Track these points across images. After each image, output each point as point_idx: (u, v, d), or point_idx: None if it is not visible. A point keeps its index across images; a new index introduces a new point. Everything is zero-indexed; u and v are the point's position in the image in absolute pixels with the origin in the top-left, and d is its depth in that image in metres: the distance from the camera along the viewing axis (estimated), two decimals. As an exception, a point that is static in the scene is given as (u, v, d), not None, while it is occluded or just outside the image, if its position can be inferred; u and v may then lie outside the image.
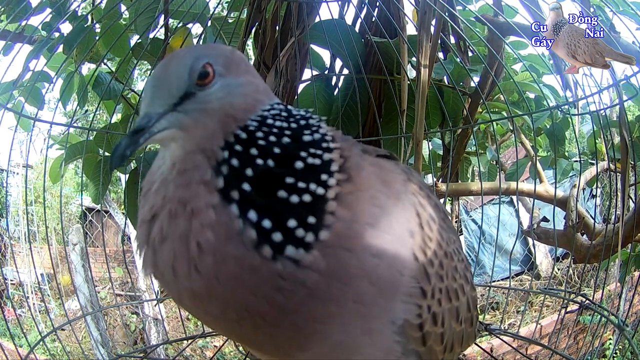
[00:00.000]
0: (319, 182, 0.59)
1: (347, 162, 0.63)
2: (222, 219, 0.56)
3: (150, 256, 0.62)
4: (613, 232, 1.74)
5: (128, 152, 0.60)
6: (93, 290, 5.51)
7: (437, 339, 0.71)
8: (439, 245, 0.70)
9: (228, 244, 0.55)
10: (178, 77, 0.63)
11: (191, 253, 0.56)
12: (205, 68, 0.63)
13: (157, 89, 0.64)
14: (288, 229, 0.56)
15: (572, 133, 3.19)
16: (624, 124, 1.55)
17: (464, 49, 1.90)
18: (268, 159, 0.59)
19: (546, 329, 4.50)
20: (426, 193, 0.75)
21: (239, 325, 0.60)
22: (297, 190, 0.57)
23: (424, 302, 0.66)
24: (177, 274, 0.58)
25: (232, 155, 0.60)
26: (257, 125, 0.63)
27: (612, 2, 1.69)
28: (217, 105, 0.63)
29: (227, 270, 0.55)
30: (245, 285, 0.56)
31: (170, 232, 0.59)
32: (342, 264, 0.58)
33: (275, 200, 0.57)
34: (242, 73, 0.68)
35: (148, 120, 0.61)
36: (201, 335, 1.74)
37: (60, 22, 1.74)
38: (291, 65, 1.72)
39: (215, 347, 5.48)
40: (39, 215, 7.22)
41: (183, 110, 0.63)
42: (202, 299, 0.59)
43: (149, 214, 0.62)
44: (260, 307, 0.56)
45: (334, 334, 0.61)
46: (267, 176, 0.58)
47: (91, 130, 1.82)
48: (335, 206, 0.58)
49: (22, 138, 5.10)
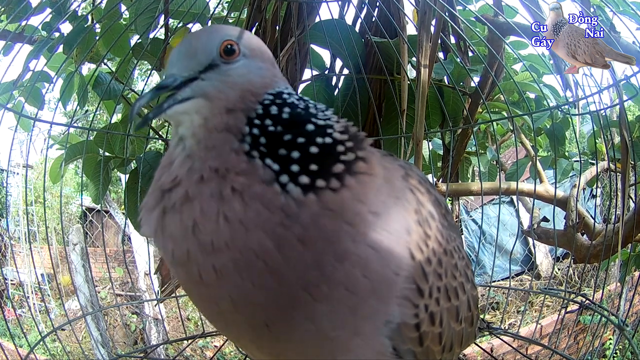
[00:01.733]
0: (325, 135, 0.66)
1: (363, 143, 0.68)
2: (250, 168, 0.63)
3: (157, 217, 0.66)
4: (613, 232, 1.74)
5: (151, 115, 0.65)
6: (93, 290, 5.51)
7: (435, 339, 0.70)
8: (437, 242, 0.70)
9: (254, 184, 0.62)
10: (207, 47, 0.68)
11: (224, 200, 0.62)
12: (232, 45, 0.69)
13: (185, 54, 0.69)
14: (292, 173, 0.62)
15: (572, 133, 3.19)
16: (624, 124, 1.55)
17: (464, 49, 1.90)
18: (278, 126, 0.66)
19: (546, 329, 4.51)
20: (426, 188, 0.75)
21: (239, 276, 0.61)
22: (297, 145, 0.64)
23: (420, 302, 0.65)
24: (199, 229, 0.62)
25: (252, 127, 0.66)
26: (271, 100, 0.69)
27: (612, 2, 1.69)
28: (239, 80, 0.69)
29: (251, 209, 0.61)
30: (260, 220, 0.61)
31: (199, 193, 0.63)
32: (339, 235, 0.61)
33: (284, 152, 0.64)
34: (264, 59, 0.74)
35: (173, 80, 0.66)
36: (201, 335, 1.74)
37: (60, 22, 1.74)
38: (291, 65, 1.72)
39: (216, 347, 5.48)
40: (39, 215, 7.23)
41: (207, 77, 0.67)
42: (218, 251, 0.61)
43: (169, 184, 0.65)
44: (265, 244, 0.60)
45: (319, 317, 0.61)
46: (275, 137, 0.65)
47: (91, 130, 1.82)
48: (343, 170, 0.63)
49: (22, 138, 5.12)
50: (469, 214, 7.77)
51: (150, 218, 0.67)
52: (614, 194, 1.90)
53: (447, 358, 0.75)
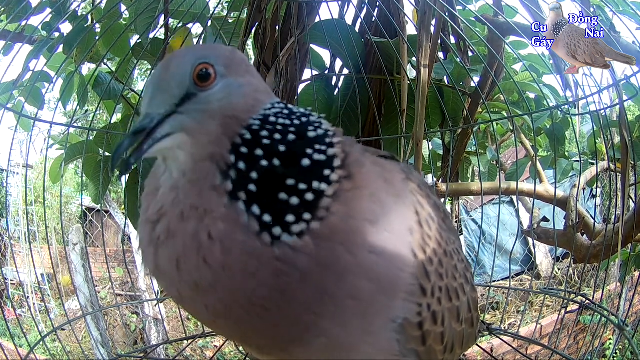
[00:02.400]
0: (322, 179, 0.61)
1: (349, 158, 0.64)
2: (231, 213, 0.59)
3: (152, 254, 0.63)
4: (613, 232, 1.74)
5: (132, 160, 0.61)
6: (93, 290, 5.51)
7: (437, 339, 0.70)
8: (438, 243, 0.70)
9: (235, 232, 0.59)
10: (179, 78, 0.63)
11: (202, 244, 0.59)
12: (207, 69, 0.64)
13: (158, 89, 0.64)
14: (286, 223, 0.59)
15: (572, 133, 3.20)
16: (624, 124, 1.55)
17: (464, 49, 1.89)
18: (274, 159, 0.61)
19: (546, 329, 4.50)
20: (426, 192, 0.75)
21: (240, 318, 0.61)
22: (298, 191, 0.60)
23: (423, 301, 0.66)
24: (182, 267, 0.60)
25: (238, 158, 0.61)
26: (260, 124, 0.63)
27: (612, 2, 1.69)
28: (218, 107, 0.64)
29: (233, 257, 0.58)
30: (248, 271, 0.58)
31: (179, 229, 0.61)
32: (336, 257, 0.59)
33: (277, 201, 0.60)
34: (243, 73, 0.68)
35: (150, 121, 0.61)
36: (201, 335, 1.74)
37: (60, 22, 1.74)
38: (291, 65, 1.72)
39: (216, 347, 5.48)
40: (39, 215, 7.22)
41: (184, 111, 0.63)
42: (206, 292, 0.60)
43: (156, 215, 0.63)
44: (260, 292, 0.58)
45: (332, 330, 0.61)
46: (271, 177, 0.60)
47: (91, 130, 1.82)
48: (330, 202, 0.60)
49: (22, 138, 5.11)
50: (469, 214, 7.77)
51: (147, 254, 0.65)
52: (614, 194, 1.90)
53: (449, 358, 0.75)
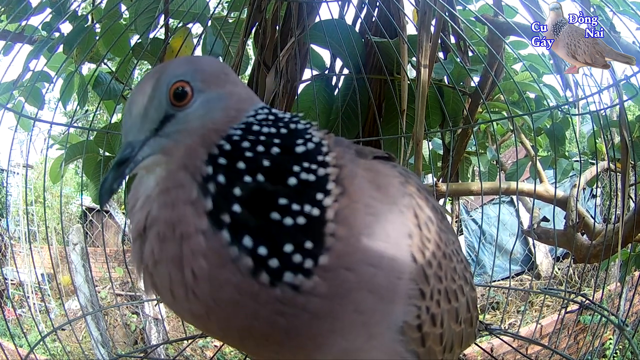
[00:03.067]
0: (314, 203, 0.55)
1: (342, 172, 0.60)
2: (214, 245, 0.53)
3: (149, 278, 0.61)
4: (613, 232, 1.74)
5: (116, 186, 0.59)
6: (93, 290, 5.51)
7: (437, 340, 0.71)
8: (437, 246, 0.70)
9: (223, 271, 0.53)
10: (156, 101, 0.61)
11: (186, 279, 0.54)
12: (183, 87, 0.61)
13: (135, 115, 0.62)
14: (284, 254, 0.53)
15: (572, 133, 3.19)
16: (624, 124, 1.55)
17: (464, 49, 1.89)
18: (257, 174, 0.55)
19: (546, 329, 4.50)
20: (424, 195, 0.75)
21: (242, 343, 0.61)
22: (290, 212, 0.54)
23: (422, 304, 0.66)
24: (175, 296, 0.57)
25: (217, 171, 0.56)
26: (241, 134, 0.59)
27: (612, 2, 1.69)
28: (198, 124, 0.61)
29: (225, 295, 0.54)
30: (245, 309, 0.54)
31: (162, 256, 0.57)
32: (343, 282, 0.56)
33: (269, 223, 0.53)
34: (222, 84, 0.65)
35: (131, 150, 0.60)
36: (201, 335, 1.74)
37: (60, 22, 1.74)
38: (291, 65, 1.72)
39: (216, 347, 5.48)
40: (39, 215, 7.22)
41: (164, 134, 0.61)
42: (202, 319, 0.59)
43: (136, 232, 0.61)
44: (262, 329, 0.56)
45: (337, 344, 0.61)
46: (259, 194, 0.54)
47: (91, 130, 1.82)
48: (335, 227, 0.55)
49: (22, 138, 5.11)
50: (469, 214, 7.77)
51: (145, 278, 0.62)
52: (614, 194, 1.90)
53: (448, 358, 0.76)
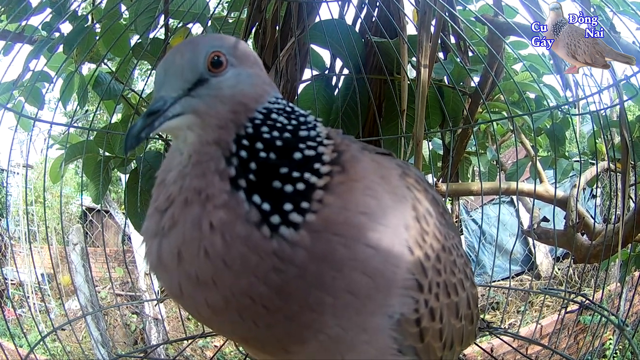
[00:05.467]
0: (312, 171, 0.63)
1: (343, 156, 0.66)
2: (232, 202, 0.61)
3: (157, 245, 0.63)
4: (613, 232, 1.74)
5: (143, 135, 0.63)
6: (93, 290, 5.51)
7: (436, 335, 0.70)
8: (436, 239, 0.70)
9: (236, 223, 0.59)
10: (193, 63, 0.66)
11: (203, 233, 0.59)
12: (219, 57, 0.66)
13: (171, 73, 0.66)
14: (284, 212, 0.60)
15: (572, 133, 3.19)
16: (624, 124, 1.55)
17: (464, 49, 1.90)
18: (270, 152, 0.63)
19: (546, 329, 4.51)
20: (423, 187, 0.75)
21: (240, 316, 0.61)
22: (291, 179, 0.62)
23: (420, 296, 0.66)
24: (183, 258, 0.60)
25: (240, 148, 0.64)
26: (262, 119, 0.66)
27: (612, 2, 1.69)
28: (229, 93, 0.66)
29: (234, 250, 0.58)
30: (248, 265, 0.58)
31: (181, 217, 0.61)
32: (332, 249, 0.60)
33: (274, 189, 0.62)
34: (251, 65, 0.71)
35: (163, 103, 0.64)
36: (201, 335, 1.74)
37: (60, 22, 1.74)
38: (291, 65, 1.72)
39: (216, 347, 5.48)
40: (39, 215, 7.22)
41: (196, 95, 0.65)
42: (206, 286, 0.60)
43: (165, 203, 0.64)
44: (259, 289, 0.59)
45: (329, 327, 0.61)
46: (268, 167, 0.63)
47: (91, 130, 1.82)
48: (322, 194, 0.62)
49: (22, 138, 5.11)
50: (469, 214, 7.77)
51: (152, 248, 0.65)
52: (614, 194, 1.90)
53: (448, 356, 0.75)
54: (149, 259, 0.65)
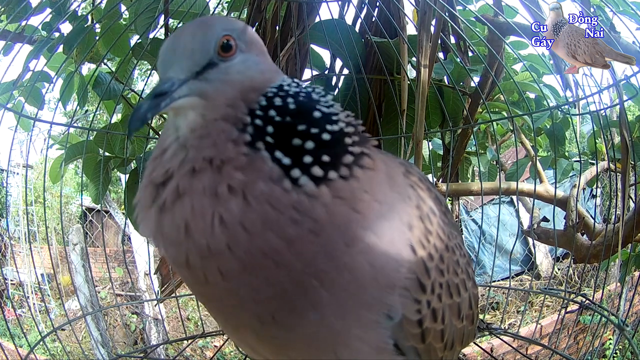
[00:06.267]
0: (333, 122, 0.63)
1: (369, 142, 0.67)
2: (252, 161, 0.59)
3: (154, 217, 0.62)
4: (613, 232, 1.74)
5: (149, 116, 0.61)
6: (93, 290, 5.51)
7: (437, 336, 0.70)
8: (439, 238, 0.70)
9: (258, 182, 0.58)
10: (204, 46, 0.64)
11: (219, 199, 0.58)
12: (229, 41, 0.65)
13: (181, 54, 0.64)
14: (304, 165, 0.60)
15: (572, 133, 3.19)
16: (624, 124, 1.55)
17: (464, 49, 1.89)
18: (286, 116, 0.63)
19: (546, 329, 4.50)
20: (426, 186, 0.75)
21: (248, 274, 0.59)
22: (311, 135, 0.61)
23: (423, 297, 0.65)
24: (192, 230, 0.58)
25: (254, 118, 0.63)
26: (275, 91, 0.66)
27: (612, 2, 1.69)
28: (238, 78, 0.65)
29: (255, 209, 0.57)
30: (268, 222, 0.57)
31: (189, 188, 0.59)
32: (348, 221, 0.60)
33: (293, 145, 0.61)
34: (260, 52, 0.71)
35: (171, 85, 0.62)
36: (201, 335, 1.74)
37: (60, 22, 1.74)
38: (291, 65, 1.72)
39: (216, 347, 5.48)
40: (39, 215, 7.23)
41: (204, 78, 0.64)
42: (218, 255, 0.58)
43: (162, 177, 0.62)
44: (273, 242, 0.57)
45: (325, 307, 0.60)
46: (286, 127, 0.62)
47: (91, 130, 1.82)
48: (352, 160, 0.62)
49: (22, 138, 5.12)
50: (469, 214, 7.77)
51: (147, 217, 0.63)
52: (614, 194, 1.90)
53: (449, 356, 0.75)
54: (145, 230, 0.64)
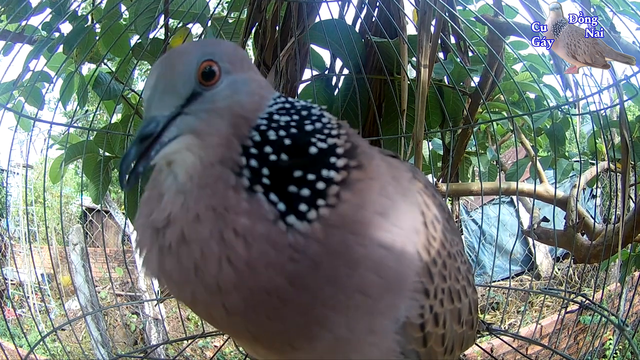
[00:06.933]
0: (329, 166, 0.61)
1: (358, 149, 0.65)
2: (252, 206, 0.59)
3: (156, 259, 0.62)
4: (613, 232, 1.74)
5: (141, 169, 0.58)
6: (93, 290, 5.51)
7: (438, 340, 0.70)
8: (442, 245, 0.70)
9: (257, 224, 0.58)
10: (184, 77, 0.61)
11: (226, 243, 0.58)
12: (212, 67, 0.62)
13: (161, 89, 0.61)
14: (300, 212, 0.59)
15: (572, 133, 3.19)
16: (624, 124, 1.55)
17: (464, 49, 1.89)
18: (281, 154, 0.61)
19: (546, 329, 4.50)
20: (431, 192, 0.75)
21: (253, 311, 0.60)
22: (307, 182, 0.60)
23: (426, 302, 0.66)
24: (202, 272, 0.59)
25: (249, 158, 0.61)
26: (267, 124, 0.63)
27: (612, 2, 1.69)
28: (226, 105, 0.62)
29: (255, 250, 0.58)
30: (268, 261, 0.58)
31: (195, 235, 0.59)
32: (347, 246, 0.59)
33: (288, 192, 0.60)
34: (246, 69, 0.67)
35: (156, 125, 0.59)
36: (201, 335, 1.74)
37: (60, 22, 1.74)
38: (291, 65, 1.72)
39: (216, 347, 5.48)
40: (39, 215, 7.23)
41: (191, 111, 0.61)
42: (225, 293, 0.59)
43: (163, 222, 0.61)
44: (275, 281, 0.58)
45: (339, 327, 0.61)
46: (281, 171, 0.61)
47: (91, 130, 1.82)
48: (339, 189, 0.60)
49: (22, 138, 5.11)
50: (469, 214, 7.77)
51: (149, 259, 0.63)
52: (614, 194, 1.90)
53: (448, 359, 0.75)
54: (149, 271, 0.64)
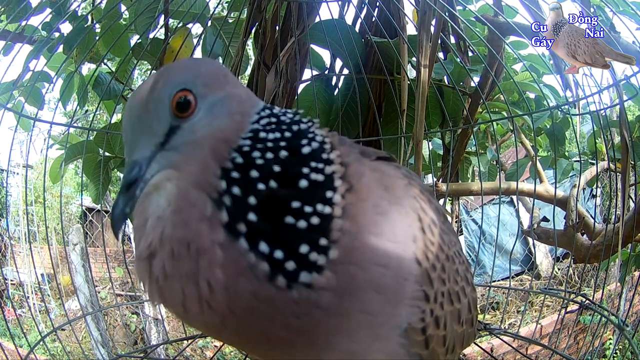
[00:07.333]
0: (325, 201, 0.56)
1: (349, 169, 0.61)
2: (231, 255, 0.53)
3: (157, 291, 0.60)
4: (613, 232, 1.74)
5: (128, 210, 0.57)
6: (93, 290, 5.51)
7: (440, 342, 0.71)
8: (440, 249, 0.70)
9: (240, 280, 0.53)
10: (159, 115, 0.58)
11: (202, 292, 0.54)
12: (186, 96, 0.58)
13: (138, 130, 0.59)
14: (301, 255, 0.54)
15: (572, 133, 3.19)
16: (624, 124, 1.55)
17: (464, 49, 1.89)
18: (270, 181, 0.55)
19: (546, 329, 4.50)
20: (427, 197, 0.75)
21: (255, 347, 0.61)
22: (303, 214, 0.54)
23: (427, 306, 0.66)
24: (188, 310, 0.56)
25: (231, 183, 0.55)
26: (250, 144, 0.58)
27: (612, 2, 1.69)
28: (206, 133, 0.58)
29: (241, 303, 0.54)
30: (262, 316, 0.54)
31: (174, 272, 0.56)
32: (352, 278, 0.57)
33: (284, 227, 0.54)
34: (223, 86, 0.63)
35: (139, 170, 0.57)
36: (201, 335, 1.74)
37: (60, 22, 1.74)
38: (291, 65, 1.72)
39: (216, 347, 5.48)
40: (39, 215, 7.23)
41: (171, 147, 0.58)
42: (217, 329, 0.58)
43: (146, 251, 0.58)
44: (277, 333, 0.56)
45: (343, 344, 0.61)
46: (272, 200, 0.55)
47: (91, 130, 1.82)
48: (342, 222, 0.56)
49: (22, 138, 5.12)
50: (469, 214, 7.77)
51: (151, 290, 0.61)
52: (614, 194, 1.90)
53: (450, 358, 0.76)
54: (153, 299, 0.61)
